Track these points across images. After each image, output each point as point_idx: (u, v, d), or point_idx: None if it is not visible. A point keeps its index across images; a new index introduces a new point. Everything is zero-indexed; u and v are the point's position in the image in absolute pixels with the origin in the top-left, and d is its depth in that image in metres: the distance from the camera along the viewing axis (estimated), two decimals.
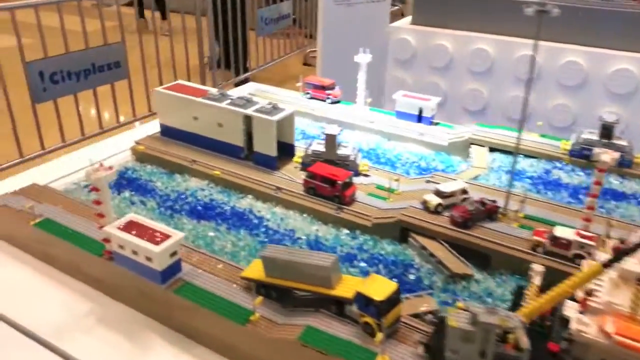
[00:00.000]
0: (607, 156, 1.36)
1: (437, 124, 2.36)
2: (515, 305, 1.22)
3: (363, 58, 2.41)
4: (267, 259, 1.22)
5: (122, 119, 2.78)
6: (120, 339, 1.30)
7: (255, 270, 1.28)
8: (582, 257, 1.35)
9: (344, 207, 1.67)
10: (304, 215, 1.71)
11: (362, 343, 1.08)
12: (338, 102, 2.57)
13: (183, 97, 1.99)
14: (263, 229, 1.63)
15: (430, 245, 1.49)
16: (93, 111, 2.70)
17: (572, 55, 3.11)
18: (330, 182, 1.68)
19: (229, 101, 1.95)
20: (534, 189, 1.82)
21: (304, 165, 1.90)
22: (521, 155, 2.07)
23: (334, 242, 1.57)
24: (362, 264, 1.47)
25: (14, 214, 1.57)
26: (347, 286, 1.16)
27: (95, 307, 1.39)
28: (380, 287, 1.09)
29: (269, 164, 1.89)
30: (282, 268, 1.20)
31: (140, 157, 2.05)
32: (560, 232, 1.38)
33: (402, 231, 1.57)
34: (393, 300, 1.08)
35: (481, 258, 1.45)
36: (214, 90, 2.03)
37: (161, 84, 2.53)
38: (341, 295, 1.14)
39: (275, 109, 1.88)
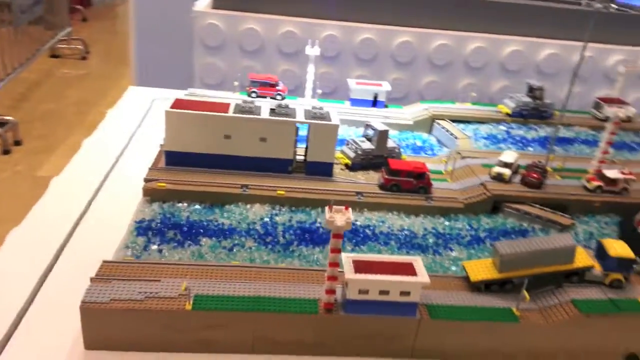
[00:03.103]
0: (622, 111, 1.83)
1: (387, 106, 2.55)
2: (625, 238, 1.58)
3: (312, 51, 2.39)
4: (512, 254, 1.27)
5: None
6: None
7: (480, 271, 1.32)
8: (626, 190, 1.81)
9: (430, 195, 1.76)
10: (394, 212, 1.73)
11: (624, 296, 1.29)
12: (284, 97, 2.49)
13: (212, 115, 1.68)
14: (383, 237, 1.59)
15: (528, 209, 1.74)
16: None
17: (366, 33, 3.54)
18: (415, 175, 1.74)
19: (268, 111, 1.74)
20: (518, 148, 2.23)
21: (355, 166, 1.87)
22: (474, 123, 2.46)
23: (452, 231, 1.66)
24: (488, 242, 1.62)
25: (150, 309, 1.16)
26: (577, 257, 1.33)
27: None
28: (621, 248, 1.30)
29: (326, 171, 1.79)
30: (523, 260, 1.28)
31: (161, 196, 1.65)
32: (609, 174, 1.81)
33: (494, 204, 1.77)
34: None
35: (559, 208, 1.78)
36: (239, 101, 1.76)
37: None
38: (585, 265, 1.31)
39: (322, 111, 1.78)
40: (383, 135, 1.88)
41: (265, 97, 2.42)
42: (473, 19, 3.15)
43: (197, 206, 1.64)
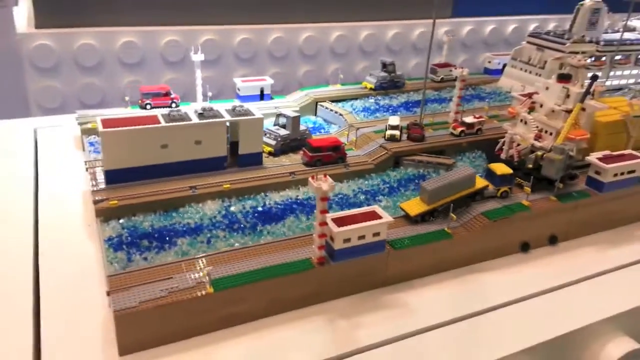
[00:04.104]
0: (465, 71, 2.36)
1: (272, 98, 2.81)
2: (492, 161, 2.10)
3: (196, 57, 2.54)
4: (435, 189, 1.66)
5: None
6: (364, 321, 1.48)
7: (414, 208, 1.69)
8: (481, 130, 2.36)
9: (347, 163, 2.09)
10: None
11: (513, 202, 1.78)
12: (178, 104, 2.60)
13: (150, 128, 1.77)
14: (332, 205, 1.87)
15: (420, 158, 2.17)
16: None
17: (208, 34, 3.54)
18: (334, 149, 2.05)
19: (196, 116, 1.88)
20: (390, 114, 2.68)
21: (277, 152, 2.12)
22: (349, 100, 2.86)
23: (373, 187, 2.01)
24: (402, 189, 2.02)
25: (179, 300, 1.30)
26: (476, 181, 1.77)
27: (324, 318, 1.46)
28: (503, 168, 1.78)
29: (257, 161, 2.01)
30: (444, 191, 1.68)
31: (115, 213, 1.71)
32: (467, 120, 2.34)
33: (395, 160, 2.17)
34: None
35: (439, 153, 2.25)
36: (164, 111, 1.87)
37: None
38: (482, 185, 1.76)
39: (244, 109, 1.98)
40: (296, 121, 2.15)
41: (160, 107, 2.50)
42: (334, 11, 3.61)
43: (152, 216, 1.74)
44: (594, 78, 1.97)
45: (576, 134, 2.00)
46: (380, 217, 1.49)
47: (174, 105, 2.54)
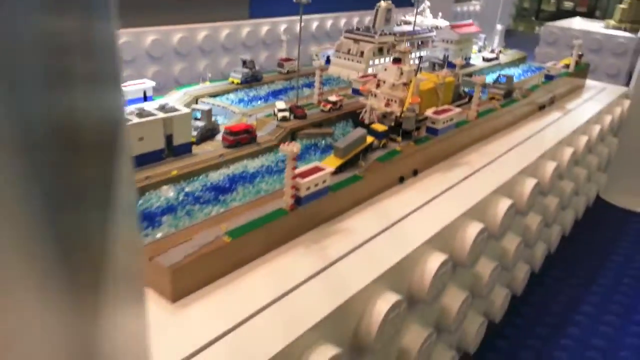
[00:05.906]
0: (322, 62, 3.01)
1: (153, 99, 3.06)
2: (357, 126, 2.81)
3: None
4: (345, 146, 2.26)
5: None
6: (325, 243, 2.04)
7: (333, 162, 2.26)
8: (342, 106, 3.04)
9: (258, 142, 2.55)
10: (246, 159, 2.45)
11: (391, 149, 2.47)
12: None
13: None
14: (259, 175, 2.32)
15: (309, 131, 2.74)
16: None
17: None
18: (247, 131, 2.49)
19: (135, 116, 2.13)
20: (263, 102, 3.18)
21: (198, 141, 2.46)
22: (222, 95, 3.27)
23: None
24: (307, 155, 2.57)
25: (210, 251, 1.67)
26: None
27: (303, 246, 1.95)
28: (381, 127, 2.46)
29: (188, 149, 2.33)
30: (350, 147, 2.29)
31: None
32: (331, 99, 2.99)
33: (292, 135, 2.70)
34: None
35: (320, 126, 2.86)
36: None
37: None
38: (370, 140, 2.42)
39: (170, 106, 2.28)
40: (209, 113, 2.52)
41: None
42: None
43: None
44: (421, 58, 2.81)
45: (413, 100, 2.82)
46: (323, 170, 2.03)
47: None
